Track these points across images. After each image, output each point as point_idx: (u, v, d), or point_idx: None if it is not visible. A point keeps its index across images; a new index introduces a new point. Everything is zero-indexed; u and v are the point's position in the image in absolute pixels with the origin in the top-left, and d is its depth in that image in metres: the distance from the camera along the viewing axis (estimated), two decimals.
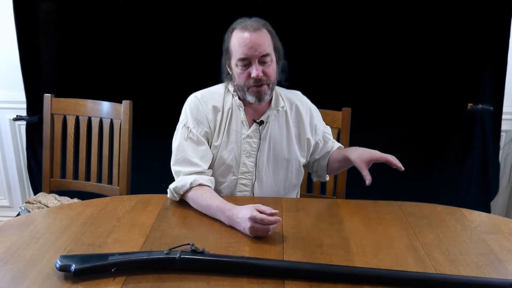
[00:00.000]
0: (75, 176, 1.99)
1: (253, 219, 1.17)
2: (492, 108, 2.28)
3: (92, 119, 1.93)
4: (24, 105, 2.41)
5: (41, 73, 2.34)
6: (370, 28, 2.25)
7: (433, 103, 2.34)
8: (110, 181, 1.94)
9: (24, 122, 2.46)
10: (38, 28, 2.28)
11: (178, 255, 1.02)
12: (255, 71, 1.38)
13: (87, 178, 1.97)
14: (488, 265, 1.09)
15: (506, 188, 2.64)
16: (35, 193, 2.36)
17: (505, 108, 2.35)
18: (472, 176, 2.43)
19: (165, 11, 2.23)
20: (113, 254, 1.03)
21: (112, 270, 0.99)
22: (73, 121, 1.95)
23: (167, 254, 1.02)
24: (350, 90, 2.32)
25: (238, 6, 2.13)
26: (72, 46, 2.30)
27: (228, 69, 1.51)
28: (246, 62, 1.40)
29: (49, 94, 1.95)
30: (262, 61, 1.40)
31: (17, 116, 2.43)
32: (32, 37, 2.28)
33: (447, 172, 2.46)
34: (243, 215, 1.20)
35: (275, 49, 1.45)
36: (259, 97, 1.43)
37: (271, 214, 1.18)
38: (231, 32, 1.44)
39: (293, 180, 1.62)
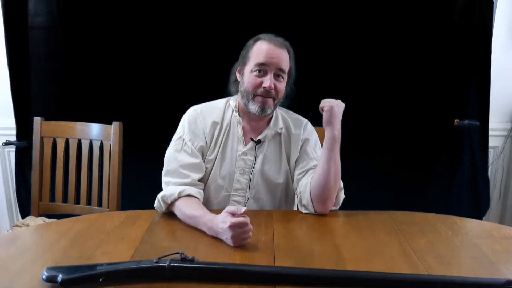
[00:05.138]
0: (64, 199, 1.96)
1: (233, 227, 1.15)
2: (478, 123, 2.32)
3: (82, 141, 1.92)
4: (14, 131, 2.40)
5: (31, 98, 2.35)
6: (357, 43, 2.30)
7: (419, 119, 2.38)
8: (100, 203, 1.91)
9: (13, 148, 2.45)
10: (29, 54, 2.31)
11: (167, 263, 1.00)
12: (268, 81, 1.41)
13: (77, 201, 1.94)
14: (480, 267, 1.08)
15: (497, 204, 2.65)
16: (23, 217, 2.32)
17: (493, 124, 2.41)
18: (463, 191, 2.44)
19: (156, 31, 2.27)
20: (101, 264, 1.01)
21: (100, 279, 0.97)
22: (63, 144, 1.94)
23: (156, 262, 1.01)
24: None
25: (237, 8, 2.14)
26: (63, 70, 2.33)
27: (238, 75, 1.52)
28: (263, 68, 1.41)
29: (39, 117, 1.94)
30: (277, 74, 1.43)
31: (6, 141, 2.42)
32: (22, 63, 2.30)
33: (437, 188, 2.48)
34: (222, 226, 1.18)
35: (289, 72, 1.49)
36: (263, 107, 1.44)
37: (242, 215, 1.17)
38: (255, 41, 1.47)
39: (284, 201, 1.59)
